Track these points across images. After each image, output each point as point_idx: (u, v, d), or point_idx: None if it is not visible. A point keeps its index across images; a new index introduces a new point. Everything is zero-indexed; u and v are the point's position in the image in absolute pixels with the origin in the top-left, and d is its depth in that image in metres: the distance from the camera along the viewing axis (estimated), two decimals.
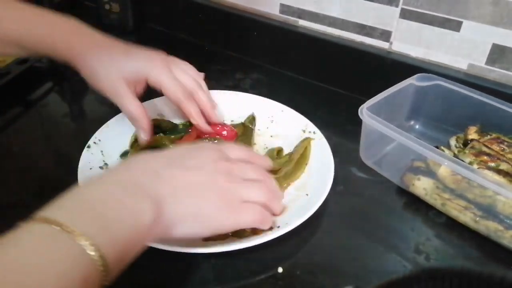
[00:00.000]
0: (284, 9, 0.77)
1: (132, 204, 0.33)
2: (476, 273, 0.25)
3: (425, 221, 0.50)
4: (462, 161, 0.48)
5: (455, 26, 0.63)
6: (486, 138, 0.54)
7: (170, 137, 0.57)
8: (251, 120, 0.62)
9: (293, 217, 0.45)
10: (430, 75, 0.61)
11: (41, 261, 0.27)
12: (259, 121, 0.63)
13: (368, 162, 0.57)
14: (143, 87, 0.53)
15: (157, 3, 0.91)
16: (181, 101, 0.52)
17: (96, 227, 0.29)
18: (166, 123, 0.60)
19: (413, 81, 0.60)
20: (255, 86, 0.75)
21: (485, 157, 0.50)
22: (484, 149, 0.51)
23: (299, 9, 0.75)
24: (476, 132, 0.55)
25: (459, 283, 0.25)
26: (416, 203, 0.52)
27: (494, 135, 0.54)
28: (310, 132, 0.59)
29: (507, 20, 0.59)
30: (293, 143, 0.58)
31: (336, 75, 0.74)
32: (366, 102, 0.53)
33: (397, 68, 0.68)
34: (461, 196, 0.49)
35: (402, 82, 0.59)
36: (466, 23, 0.62)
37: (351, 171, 0.57)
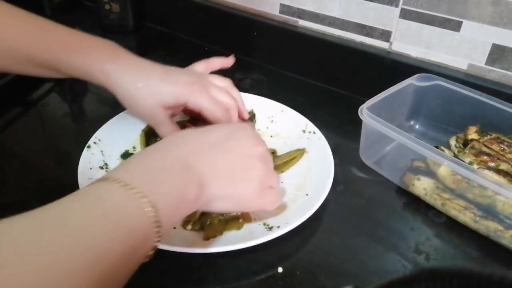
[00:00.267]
0: (284, 9, 0.77)
1: (185, 179, 0.37)
2: (476, 273, 0.25)
3: (425, 221, 0.50)
4: (462, 161, 0.48)
5: (455, 26, 0.63)
6: (486, 138, 0.54)
7: None
8: (251, 117, 0.62)
9: (293, 217, 0.45)
10: (430, 75, 0.61)
11: (111, 218, 0.30)
12: (259, 121, 0.63)
13: (368, 162, 0.57)
14: (181, 109, 0.54)
15: (157, 3, 0.91)
16: (219, 121, 0.52)
17: (156, 192, 0.33)
18: None
19: (413, 81, 0.60)
20: (255, 86, 0.75)
21: (485, 157, 0.50)
22: (484, 149, 0.51)
23: (299, 9, 0.75)
24: (476, 132, 0.55)
25: (459, 283, 0.25)
26: (416, 203, 0.52)
27: (494, 135, 0.54)
28: (310, 132, 0.59)
29: (507, 20, 0.59)
30: (293, 143, 0.58)
31: (336, 75, 0.74)
32: (366, 102, 0.53)
33: (397, 68, 0.68)
34: (461, 196, 0.49)
35: (402, 82, 0.59)
36: (466, 23, 0.62)
37: (351, 171, 0.57)
